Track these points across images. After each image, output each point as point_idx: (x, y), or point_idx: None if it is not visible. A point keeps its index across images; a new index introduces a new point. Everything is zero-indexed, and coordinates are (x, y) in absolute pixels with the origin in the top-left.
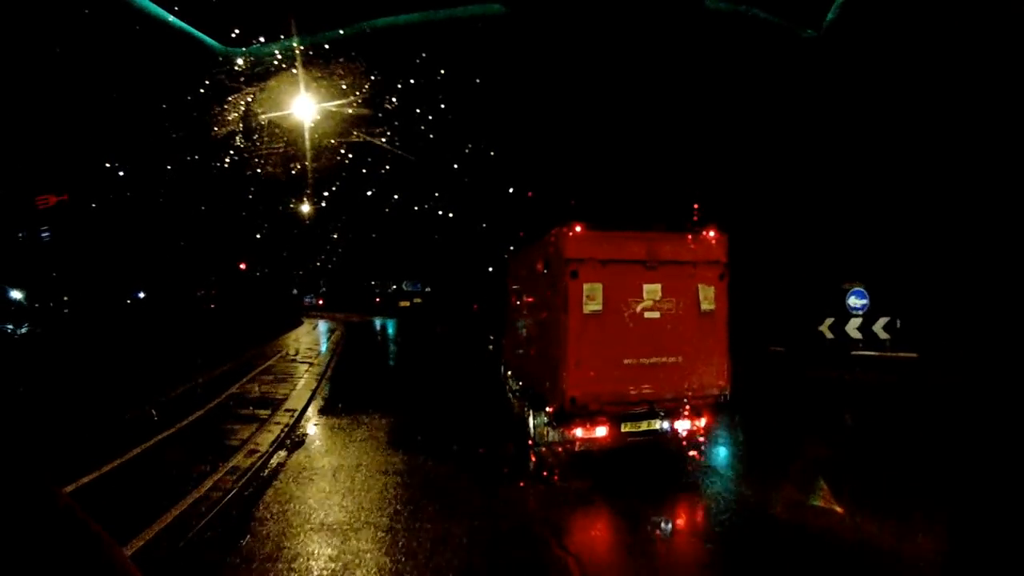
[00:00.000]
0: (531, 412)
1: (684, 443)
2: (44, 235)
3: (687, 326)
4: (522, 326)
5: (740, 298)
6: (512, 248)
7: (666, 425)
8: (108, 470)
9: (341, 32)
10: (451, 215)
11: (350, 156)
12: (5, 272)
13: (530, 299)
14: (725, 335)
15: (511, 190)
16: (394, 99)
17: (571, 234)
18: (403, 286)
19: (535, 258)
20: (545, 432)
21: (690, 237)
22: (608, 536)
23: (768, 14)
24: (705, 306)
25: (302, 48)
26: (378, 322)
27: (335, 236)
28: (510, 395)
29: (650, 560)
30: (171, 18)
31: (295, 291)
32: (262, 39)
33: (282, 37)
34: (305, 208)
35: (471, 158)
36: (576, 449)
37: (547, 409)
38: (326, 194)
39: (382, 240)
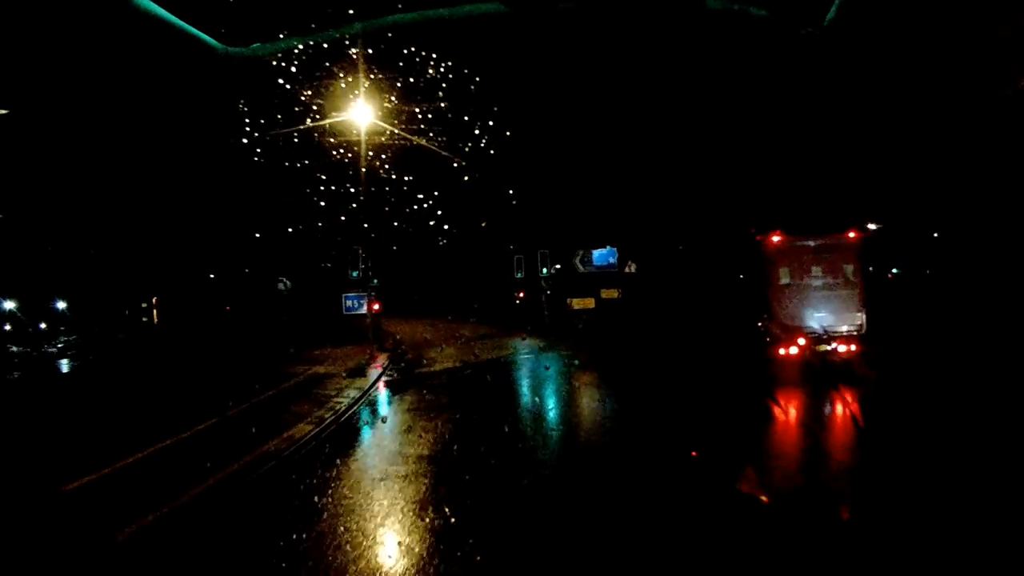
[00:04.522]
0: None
1: (841, 360)
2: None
3: (839, 290)
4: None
5: None
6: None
7: (831, 347)
8: None
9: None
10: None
11: None
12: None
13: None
14: (863, 295)
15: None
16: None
17: (774, 238)
18: (579, 261)
19: (754, 252)
20: (766, 352)
21: (839, 235)
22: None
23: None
24: (850, 277)
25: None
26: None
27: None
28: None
29: (809, 407)
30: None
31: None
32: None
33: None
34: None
35: None
36: (783, 362)
37: (767, 339)
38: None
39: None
